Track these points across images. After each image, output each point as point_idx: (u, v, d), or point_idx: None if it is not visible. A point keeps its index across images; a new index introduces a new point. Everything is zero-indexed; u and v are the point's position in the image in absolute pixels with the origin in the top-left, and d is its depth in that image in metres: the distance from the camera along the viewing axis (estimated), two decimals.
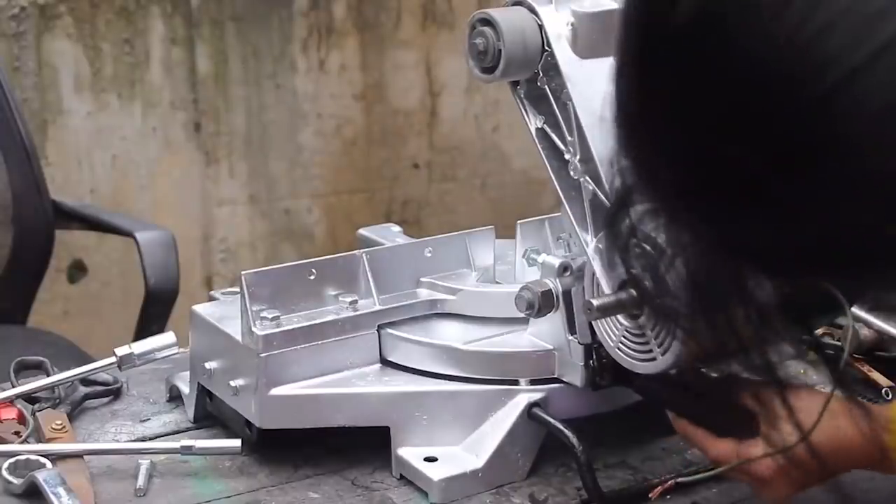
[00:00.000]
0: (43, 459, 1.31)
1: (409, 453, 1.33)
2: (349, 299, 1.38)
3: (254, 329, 1.32)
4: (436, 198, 3.53)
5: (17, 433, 1.38)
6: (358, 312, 1.37)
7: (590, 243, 1.26)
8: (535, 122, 1.29)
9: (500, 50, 1.25)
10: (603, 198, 1.24)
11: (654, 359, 1.23)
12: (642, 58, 0.85)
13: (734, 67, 0.78)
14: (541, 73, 1.26)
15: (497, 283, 1.46)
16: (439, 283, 1.42)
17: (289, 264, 1.39)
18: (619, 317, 1.24)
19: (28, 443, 1.37)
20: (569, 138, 1.26)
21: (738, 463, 1.21)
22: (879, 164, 0.77)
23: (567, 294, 1.30)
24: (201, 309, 1.43)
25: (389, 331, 1.38)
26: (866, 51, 0.75)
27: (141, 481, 1.31)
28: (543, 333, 1.34)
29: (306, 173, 3.41)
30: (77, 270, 3.24)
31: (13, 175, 2.36)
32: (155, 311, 2.26)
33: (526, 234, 1.46)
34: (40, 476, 1.27)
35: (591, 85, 1.24)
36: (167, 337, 1.50)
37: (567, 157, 1.27)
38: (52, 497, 1.24)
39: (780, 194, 0.80)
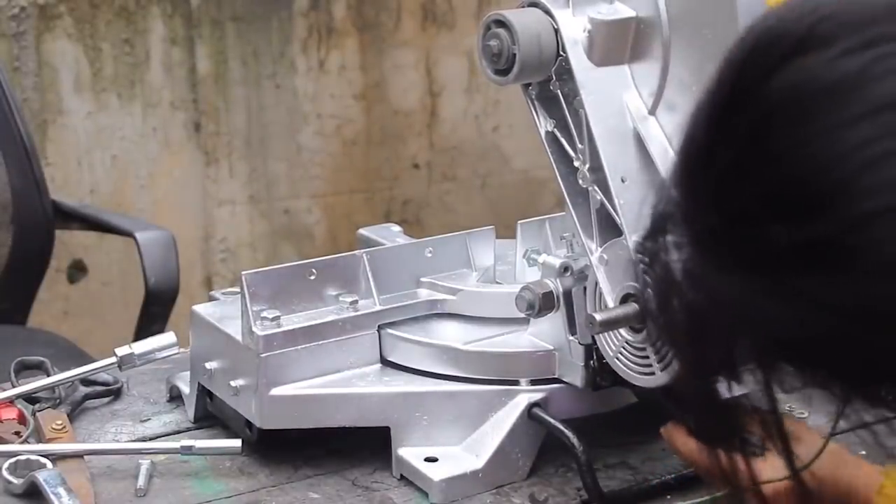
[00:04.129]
0: (43, 459, 1.31)
1: (410, 453, 1.33)
2: (349, 299, 1.38)
3: (254, 329, 1.32)
4: (436, 198, 3.53)
5: (17, 433, 1.38)
6: (358, 312, 1.37)
7: (594, 252, 1.25)
8: (545, 125, 1.28)
9: (514, 53, 1.23)
10: (610, 208, 1.23)
11: (653, 373, 1.23)
12: (723, 109, 0.87)
13: (800, 153, 0.82)
14: (554, 76, 1.25)
15: (497, 283, 1.46)
16: (439, 283, 1.42)
17: (289, 264, 1.39)
18: (621, 329, 1.24)
19: (28, 443, 1.37)
20: (579, 146, 1.25)
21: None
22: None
23: (567, 294, 1.30)
24: (201, 309, 1.42)
25: (389, 331, 1.38)
26: None
27: (141, 481, 1.31)
28: (544, 334, 1.34)
29: (306, 173, 3.41)
30: (77, 270, 3.24)
31: (13, 175, 2.36)
32: (155, 311, 2.26)
33: (526, 234, 1.46)
34: (40, 476, 1.27)
35: (605, 93, 1.23)
36: (167, 337, 1.50)
37: (576, 164, 1.26)
38: (53, 497, 1.24)
39: (801, 283, 0.84)
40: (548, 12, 1.23)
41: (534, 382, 1.34)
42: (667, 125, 1.22)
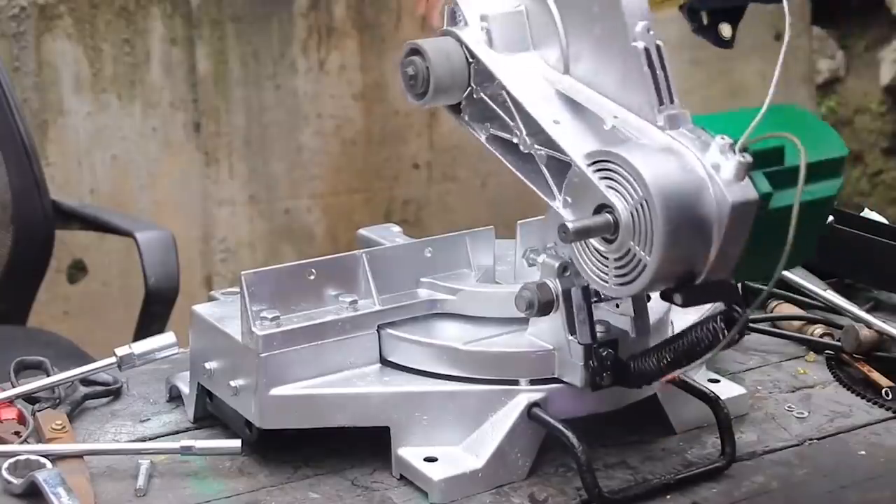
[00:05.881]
0: (43, 459, 1.31)
1: (409, 453, 1.33)
2: (349, 299, 1.38)
3: (254, 329, 1.32)
4: (436, 198, 3.53)
5: (17, 433, 1.38)
6: (358, 312, 1.37)
7: (557, 198, 1.28)
8: (483, 133, 1.35)
9: (428, 75, 1.33)
10: (554, 151, 1.28)
11: (631, 282, 1.22)
12: None
13: None
14: (474, 86, 1.33)
15: (497, 283, 1.46)
16: (439, 283, 1.42)
17: (289, 264, 1.39)
18: (595, 242, 1.25)
19: (28, 443, 1.37)
20: (512, 124, 1.31)
21: None
22: None
23: (567, 294, 1.30)
24: (201, 309, 1.42)
25: (389, 331, 1.38)
26: None
27: (141, 481, 1.31)
28: (543, 333, 1.34)
29: (306, 173, 3.41)
30: (77, 270, 3.24)
31: (13, 175, 2.36)
32: (155, 311, 2.26)
33: (526, 234, 1.46)
34: (40, 476, 1.27)
35: (519, 70, 1.32)
36: (167, 337, 1.50)
37: (516, 140, 1.31)
38: (52, 497, 1.24)
39: None
40: (455, 36, 1.34)
41: (533, 382, 1.34)
42: (582, 75, 1.30)
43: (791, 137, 1.16)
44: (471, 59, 1.33)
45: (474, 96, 1.34)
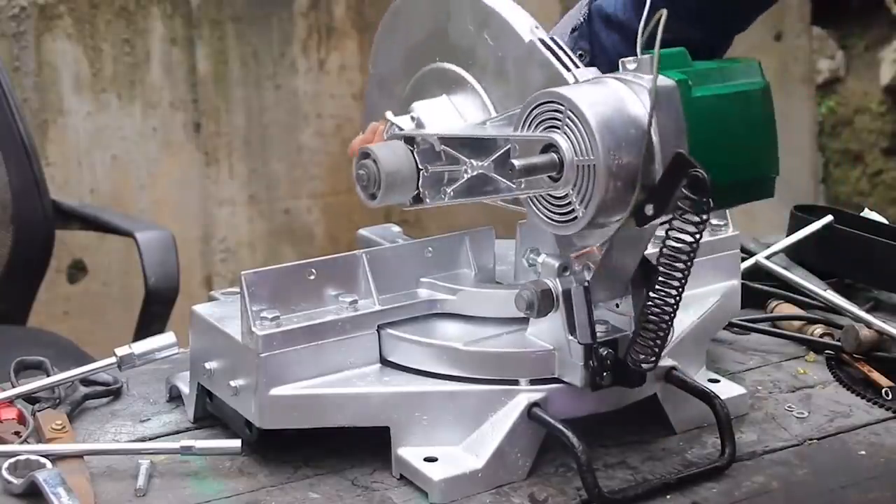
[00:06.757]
0: (43, 459, 1.31)
1: (409, 453, 1.33)
2: (349, 299, 1.38)
3: (254, 329, 1.32)
4: None
5: (17, 433, 1.38)
6: (358, 312, 1.37)
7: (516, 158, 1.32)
8: (447, 197, 1.42)
9: (378, 171, 1.41)
10: (499, 151, 1.34)
11: (591, 195, 1.24)
12: None
13: None
14: (423, 166, 1.41)
15: (497, 283, 1.46)
16: (439, 283, 1.42)
17: (289, 264, 1.39)
18: (551, 192, 1.28)
19: (28, 443, 1.37)
20: (459, 165, 1.38)
21: None
22: None
23: (567, 294, 1.30)
24: (201, 309, 1.43)
25: (389, 331, 1.38)
26: None
27: (141, 481, 1.31)
28: (543, 333, 1.34)
29: (306, 173, 3.41)
30: (77, 270, 3.24)
31: (13, 175, 2.36)
32: (155, 311, 2.26)
33: (526, 234, 1.46)
34: (40, 476, 1.27)
35: (452, 125, 1.43)
36: (167, 337, 1.50)
37: (468, 175, 1.38)
38: (52, 497, 1.24)
39: None
40: (402, 138, 1.42)
41: (533, 382, 1.34)
42: (508, 104, 1.38)
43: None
44: (412, 147, 1.41)
45: (426, 174, 1.41)
